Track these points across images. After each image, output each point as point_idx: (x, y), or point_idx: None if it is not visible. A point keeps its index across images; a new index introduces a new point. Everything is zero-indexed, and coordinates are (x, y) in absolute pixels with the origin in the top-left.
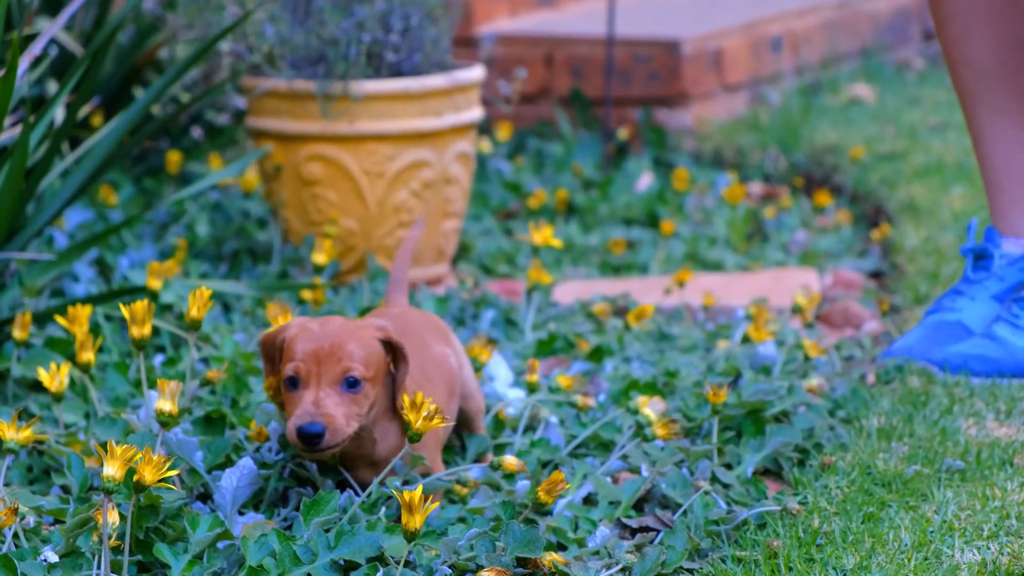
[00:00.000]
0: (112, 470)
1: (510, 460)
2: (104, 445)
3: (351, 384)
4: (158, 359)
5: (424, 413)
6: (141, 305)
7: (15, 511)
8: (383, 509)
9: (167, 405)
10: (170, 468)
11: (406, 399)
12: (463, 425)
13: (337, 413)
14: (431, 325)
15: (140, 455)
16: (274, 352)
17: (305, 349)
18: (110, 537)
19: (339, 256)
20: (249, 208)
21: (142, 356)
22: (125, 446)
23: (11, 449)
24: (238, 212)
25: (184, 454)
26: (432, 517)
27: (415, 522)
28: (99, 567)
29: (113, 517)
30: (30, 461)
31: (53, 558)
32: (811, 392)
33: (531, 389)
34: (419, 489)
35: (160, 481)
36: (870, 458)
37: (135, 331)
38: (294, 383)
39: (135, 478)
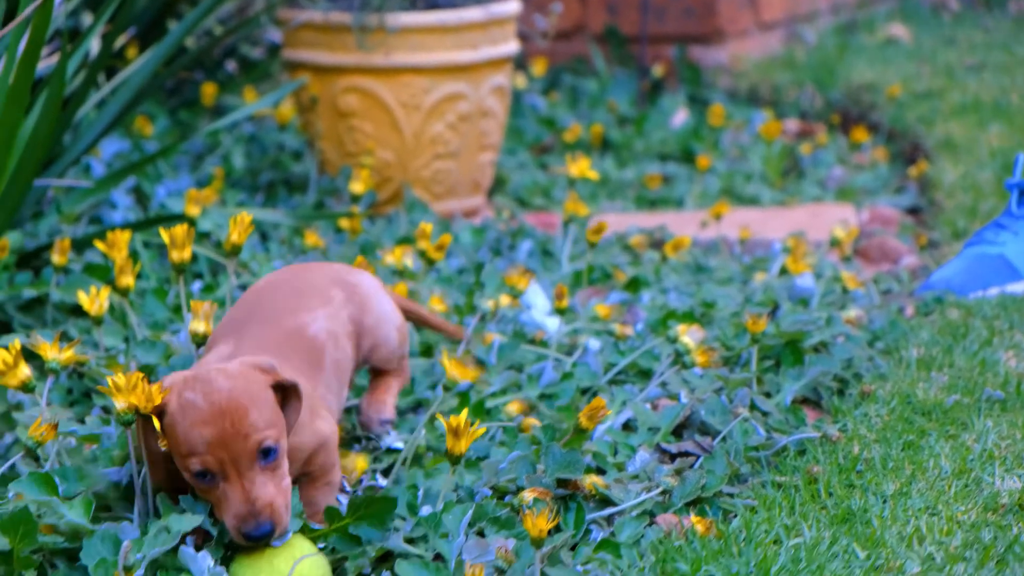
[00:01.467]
0: (122, 403)
1: None
2: (143, 370)
3: (266, 454)
4: (196, 286)
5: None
6: (181, 229)
7: (55, 427)
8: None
9: (201, 326)
10: None
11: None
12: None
13: (274, 499)
14: (306, 286)
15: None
16: (148, 426)
17: (204, 437)
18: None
19: (375, 187)
20: (284, 141)
21: (181, 280)
22: (130, 375)
23: (53, 369)
24: (273, 144)
25: None
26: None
27: (460, 446)
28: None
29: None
30: (70, 384)
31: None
32: (849, 324)
33: (562, 314)
34: (464, 413)
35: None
36: (910, 388)
37: (175, 255)
38: (205, 476)
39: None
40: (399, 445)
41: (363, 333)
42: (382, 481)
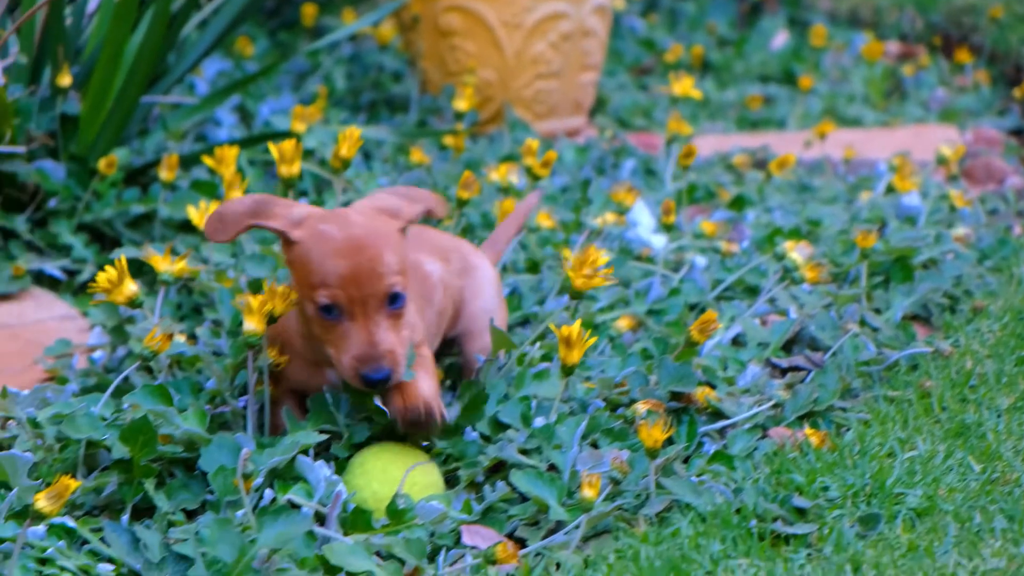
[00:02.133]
0: (252, 325)
1: None
2: (252, 285)
3: (395, 299)
4: (302, 202)
5: (586, 271)
6: (289, 143)
7: (170, 337)
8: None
9: None
10: None
11: (573, 259)
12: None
13: (395, 344)
14: (416, 236)
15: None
16: (259, 212)
17: (338, 270)
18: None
19: (477, 107)
20: (384, 61)
21: (291, 195)
22: (262, 297)
23: (165, 282)
24: (373, 65)
25: None
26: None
27: (573, 356)
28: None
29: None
30: (179, 299)
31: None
32: (958, 241)
33: (668, 230)
34: (578, 323)
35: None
36: (1021, 304)
37: (283, 169)
38: (331, 311)
39: (267, 308)
40: None
41: (463, 315)
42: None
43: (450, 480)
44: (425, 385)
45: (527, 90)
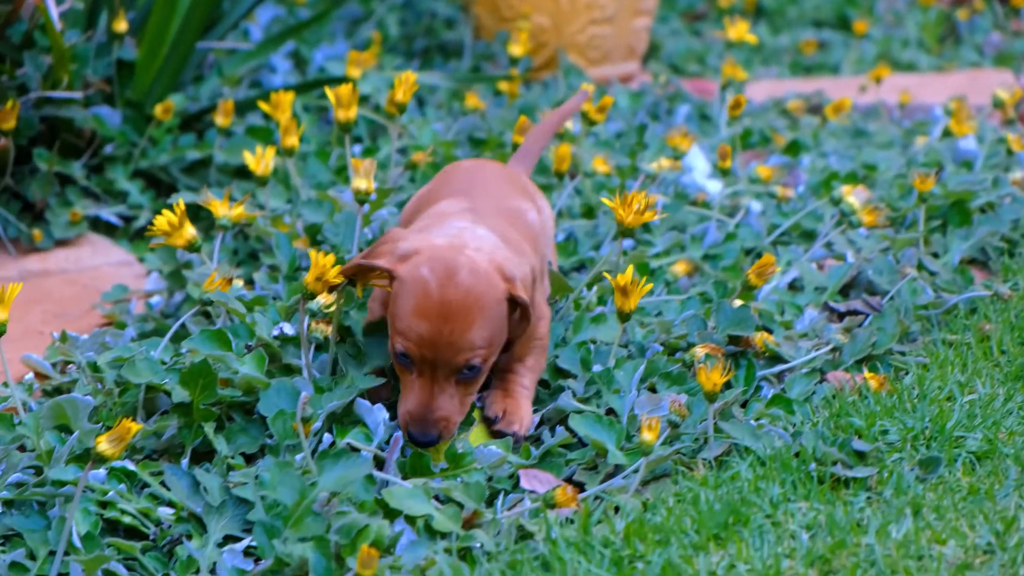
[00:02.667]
0: (363, 183)
1: None
2: (309, 229)
3: (470, 370)
4: (356, 149)
5: (635, 207)
6: (346, 88)
7: (229, 281)
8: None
9: (363, 183)
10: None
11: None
12: None
13: (452, 412)
14: (506, 180)
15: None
16: (371, 251)
17: (419, 331)
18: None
19: (531, 53)
20: (436, 7)
21: (347, 139)
22: (322, 253)
23: (223, 226)
24: (426, 11)
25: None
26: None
27: (630, 304)
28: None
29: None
30: (235, 244)
31: (289, 330)
32: (1016, 185)
33: (724, 175)
34: (630, 269)
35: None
36: None
37: (340, 114)
38: (404, 359)
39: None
40: None
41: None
42: None
43: None
44: (525, 407)
45: (581, 35)
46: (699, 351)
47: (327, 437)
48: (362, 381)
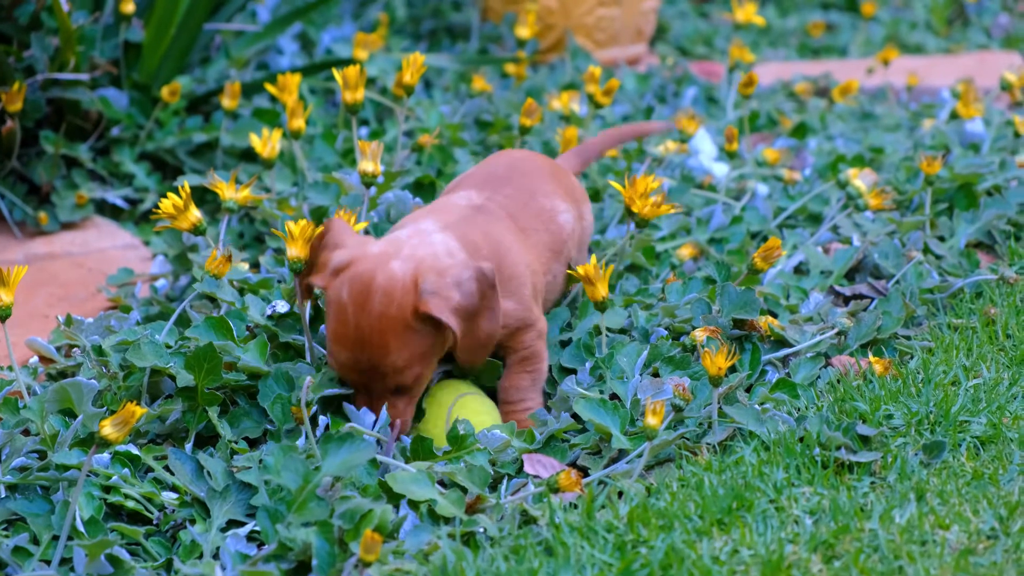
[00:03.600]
0: (295, 251)
1: None
2: (315, 212)
3: (400, 389)
4: (363, 131)
5: (652, 199)
6: (353, 70)
7: (229, 259)
8: None
9: (369, 166)
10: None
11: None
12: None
13: (399, 415)
14: (550, 176)
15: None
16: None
17: (341, 359)
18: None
19: (538, 35)
20: None
21: (354, 122)
22: (304, 223)
23: (230, 208)
24: None
25: (399, 212)
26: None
27: (599, 292)
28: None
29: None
30: (241, 228)
31: (283, 308)
32: (1023, 168)
33: (731, 157)
34: (592, 259)
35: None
36: None
37: (347, 95)
38: (342, 378)
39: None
40: None
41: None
42: None
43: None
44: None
45: (588, 17)
46: (699, 334)
47: (323, 420)
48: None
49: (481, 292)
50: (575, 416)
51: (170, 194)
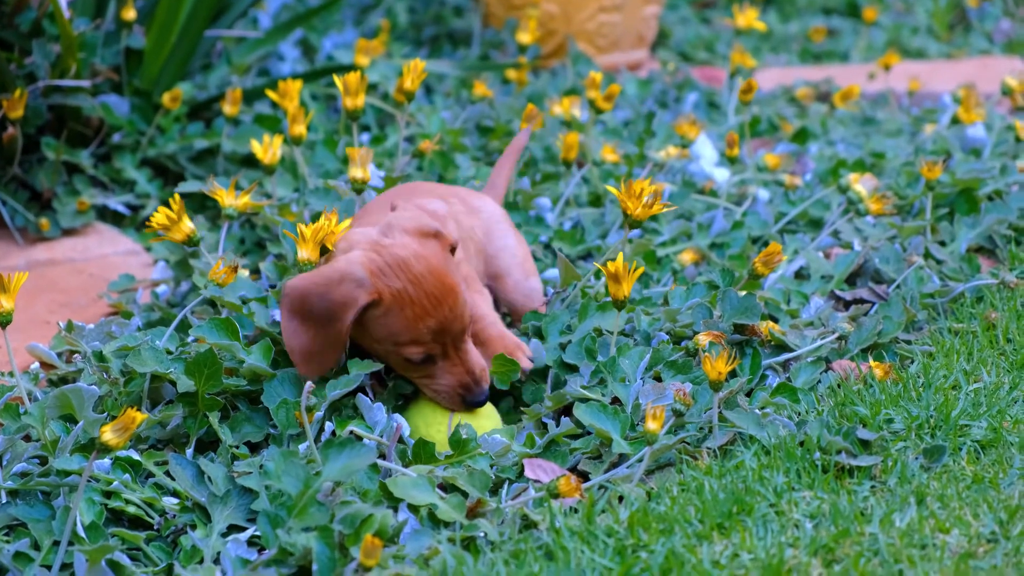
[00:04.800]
0: (305, 253)
1: None
2: (316, 218)
3: (465, 329)
4: (364, 137)
5: (644, 200)
6: (354, 76)
7: (235, 270)
8: None
9: (359, 172)
10: None
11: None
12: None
13: (484, 365)
14: (422, 191)
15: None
16: (332, 311)
17: (429, 328)
18: None
19: (539, 41)
20: None
21: (355, 128)
22: (315, 225)
23: (230, 215)
24: None
25: None
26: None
27: (623, 290)
28: None
29: None
30: (242, 233)
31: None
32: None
33: (732, 163)
34: (620, 256)
35: None
36: None
37: (348, 101)
38: (425, 362)
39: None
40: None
41: (486, 257)
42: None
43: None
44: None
45: (590, 23)
46: (703, 339)
47: (329, 426)
48: (363, 366)
49: None
50: (576, 420)
51: (161, 207)
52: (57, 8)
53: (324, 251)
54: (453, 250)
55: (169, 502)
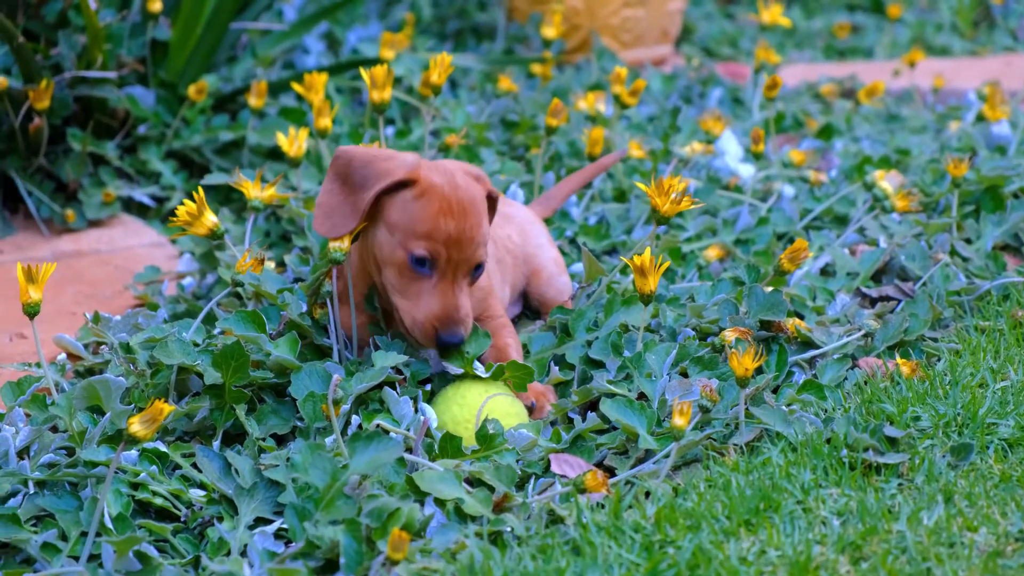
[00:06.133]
0: (336, 242)
1: None
2: None
3: (477, 268)
4: (389, 131)
5: (672, 196)
6: (381, 69)
7: (261, 262)
8: None
9: None
10: None
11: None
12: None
13: (471, 314)
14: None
15: None
16: (367, 179)
17: (446, 228)
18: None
19: (563, 35)
20: None
21: (381, 120)
22: None
23: (255, 208)
24: None
25: None
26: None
27: (649, 284)
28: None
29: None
30: (267, 226)
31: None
32: None
33: (757, 159)
34: (647, 250)
35: None
36: None
37: (375, 95)
38: (423, 264)
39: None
40: None
41: (522, 260)
42: None
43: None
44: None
45: (614, 18)
46: (729, 335)
47: (355, 419)
48: (389, 359)
49: None
50: (602, 416)
51: (186, 200)
52: (83, 0)
53: (356, 238)
54: (492, 202)
55: (196, 494)
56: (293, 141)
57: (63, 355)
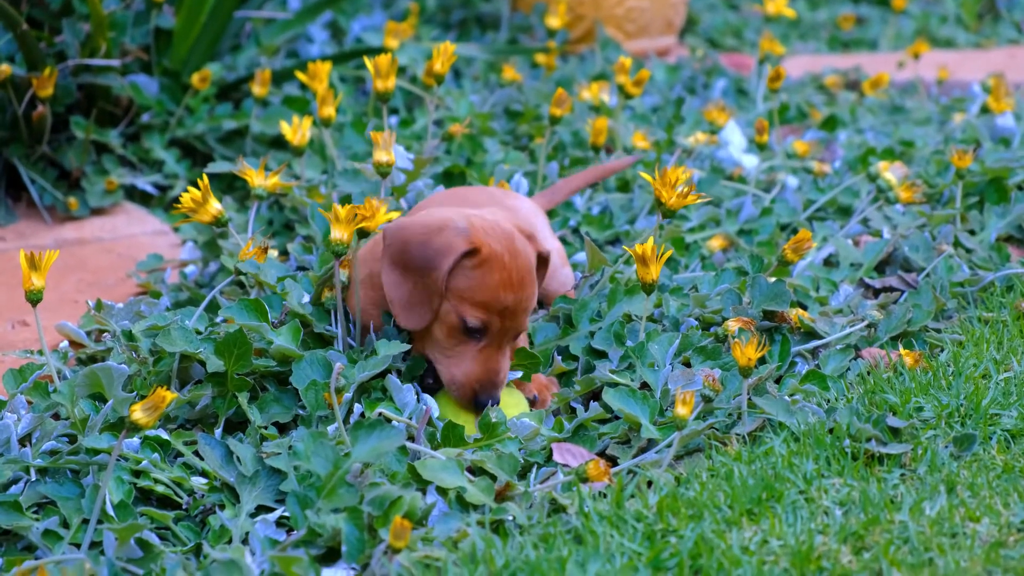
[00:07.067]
0: (339, 233)
1: None
2: (344, 200)
3: (520, 332)
4: (393, 120)
5: (678, 189)
6: (385, 58)
7: (265, 250)
8: None
9: (384, 156)
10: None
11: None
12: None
13: (506, 374)
14: (484, 192)
15: (363, 208)
16: (430, 259)
17: (504, 302)
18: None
19: (567, 25)
20: None
21: (385, 109)
22: (349, 207)
23: (259, 196)
24: None
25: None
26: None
27: (651, 274)
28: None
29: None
30: (270, 215)
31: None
32: None
33: (761, 149)
34: (650, 240)
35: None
36: None
37: (379, 84)
38: (473, 332)
39: (359, 226)
40: None
41: None
42: None
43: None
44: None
45: (618, 8)
46: (732, 325)
47: (358, 408)
48: (392, 348)
49: None
50: (604, 405)
51: (190, 187)
52: None
53: (363, 234)
54: (543, 261)
55: (198, 482)
56: (297, 130)
57: (65, 342)
